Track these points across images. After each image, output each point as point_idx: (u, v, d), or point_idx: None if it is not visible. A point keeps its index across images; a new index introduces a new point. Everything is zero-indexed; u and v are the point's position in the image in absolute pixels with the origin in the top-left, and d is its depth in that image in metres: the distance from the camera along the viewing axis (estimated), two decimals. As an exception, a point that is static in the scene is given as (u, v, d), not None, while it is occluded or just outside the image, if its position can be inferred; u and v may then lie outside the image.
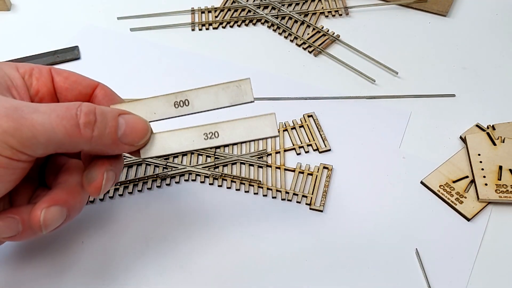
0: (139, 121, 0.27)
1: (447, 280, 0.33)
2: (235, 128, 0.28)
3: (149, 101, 0.28)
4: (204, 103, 0.28)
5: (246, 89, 0.28)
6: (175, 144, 0.28)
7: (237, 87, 0.28)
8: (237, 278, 0.33)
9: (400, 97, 0.44)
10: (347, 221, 0.36)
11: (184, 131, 0.28)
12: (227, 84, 0.28)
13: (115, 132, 0.26)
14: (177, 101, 0.28)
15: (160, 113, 0.28)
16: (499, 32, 0.50)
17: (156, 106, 0.28)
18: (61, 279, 0.33)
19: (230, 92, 0.28)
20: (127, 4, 0.52)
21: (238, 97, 0.28)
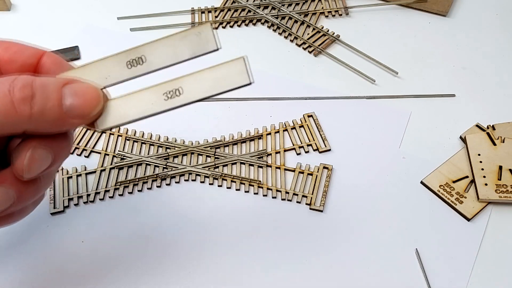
0: (88, 89, 0.23)
1: (447, 280, 0.33)
2: (200, 81, 0.25)
3: (99, 64, 0.24)
4: (161, 59, 0.24)
5: (208, 36, 0.24)
6: (133, 109, 0.24)
7: (196, 35, 0.24)
8: (237, 278, 0.33)
9: (400, 97, 0.44)
10: (347, 221, 0.36)
11: (142, 93, 0.25)
12: (185, 33, 0.24)
13: (60, 106, 0.22)
14: (130, 60, 0.24)
15: (114, 77, 0.24)
16: (499, 32, 0.49)
17: (107, 69, 0.24)
18: (61, 279, 0.33)
19: (190, 42, 0.24)
20: (127, 4, 0.52)
21: (200, 47, 0.24)
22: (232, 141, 0.40)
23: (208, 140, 0.40)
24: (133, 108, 0.24)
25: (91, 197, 0.37)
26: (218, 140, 0.40)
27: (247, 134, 0.41)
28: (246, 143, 0.40)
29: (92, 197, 0.37)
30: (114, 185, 0.37)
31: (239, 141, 0.40)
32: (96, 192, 0.37)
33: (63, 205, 0.36)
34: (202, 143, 0.40)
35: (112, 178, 0.38)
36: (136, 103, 0.24)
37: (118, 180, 0.38)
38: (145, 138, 0.40)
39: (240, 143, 0.40)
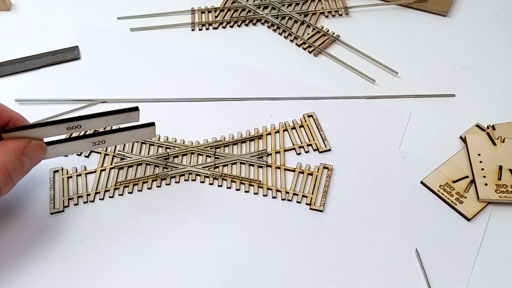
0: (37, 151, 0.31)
1: (447, 280, 0.33)
2: (120, 136, 0.33)
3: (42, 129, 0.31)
4: (94, 126, 0.32)
5: (135, 118, 0.33)
6: (66, 150, 0.33)
7: (127, 116, 0.32)
8: (237, 277, 0.33)
9: (400, 97, 0.44)
10: (347, 221, 0.36)
11: (75, 142, 0.33)
12: (118, 115, 0.32)
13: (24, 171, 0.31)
14: (69, 126, 0.32)
15: (53, 134, 0.32)
16: (499, 32, 0.49)
17: (49, 131, 0.31)
18: (61, 279, 0.33)
19: (120, 119, 0.32)
20: (127, 4, 0.52)
21: (127, 121, 0.33)
22: (232, 141, 0.40)
23: (208, 140, 0.40)
24: (67, 149, 0.33)
25: (91, 197, 0.37)
26: (218, 140, 0.40)
27: (247, 134, 0.41)
28: (246, 143, 0.40)
29: (92, 197, 0.37)
30: (114, 185, 0.37)
31: (239, 141, 0.40)
32: (96, 192, 0.37)
33: (63, 205, 0.36)
34: (202, 143, 0.40)
35: (112, 178, 0.38)
36: (69, 147, 0.33)
37: (118, 180, 0.38)
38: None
39: (240, 143, 0.40)
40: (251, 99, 0.44)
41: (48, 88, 0.45)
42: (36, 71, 0.46)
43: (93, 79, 0.45)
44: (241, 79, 0.45)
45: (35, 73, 0.46)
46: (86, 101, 0.43)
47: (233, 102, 0.43)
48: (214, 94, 0.44)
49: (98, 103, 0.43)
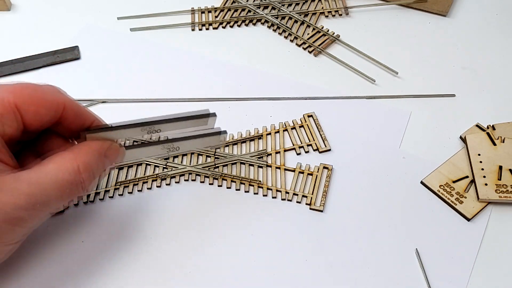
0: (117, 153, 0.31)
1: (447, 280, 0.33)
2: (193, 143, 0.33)
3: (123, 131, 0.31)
4: (172, 131, 0.32)
5: (211, 123, 0.33)
6: (141, 154, 0.33)
7: (204, 122, 0.33)
8: (237, 277, 0.33)
9: (400, 97, 0.44)
10: (347, 221, 0.36)
11: (151, 148, 0.33)
12: (196, 120, 0.32)
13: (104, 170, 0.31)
14: (150, 130, 0.32)
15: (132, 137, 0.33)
16: (499, 32, 0.49)
17: (128, 134, 0.31)
18: (61, 279, 0.33)
19: (197, 124, 0.33)
20: (127, 4, 0.52)
21: (202, 126, 0.33)
22: (232, 141, 0.40)
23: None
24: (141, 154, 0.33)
25: (91, 197, 0.37)
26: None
27: (247, 134, 0.41)
28: (246, 143, 0.40)
29: (92, 197, 0.37)
30: (114, 185, 0.37)
31: (239, 141, 0.40)
32: (96, 192, 0.37)
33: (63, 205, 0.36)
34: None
35: (112, 178, 0.38)
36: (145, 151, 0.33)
37: (118, 180, 0.38)
38: (145, 138, 0.40)
39: (240, 143, 0.40)
40: (251, 99, 0.44)
41: (48, 88, 0.45)
42: (36, 71, 0.46)
43: (93, 79, 0.45)
44: (241, 79, 0.45)
45: (35, 73, 0.46)
46: (86, 101, 0.43)
47: (233, 102, 0.43)
48: (214, 94, 0.44)
49: (98, 103, 0.43)
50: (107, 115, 0.33)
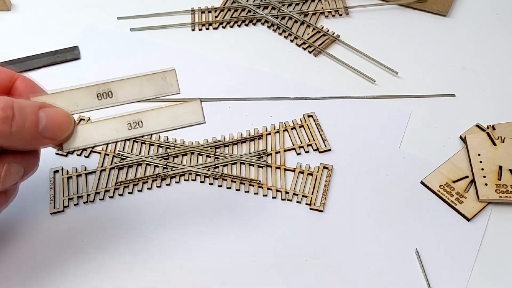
0: (61, 114, 0.26)
1: (447, 280, 0.33)
2: (160, 116, 0.28)
3: (71, 93, 0.27)
4: (128, 95, 0.28)
5: (172, 81, 0.28)
6: (98, 134, 0.27)
7: (162, 79, 0.28)
8: (237, 278, 0.33)
9: (400, 97, 0.44)
10: (347, 221, 0.36)
11: (107, 122, 0.28)
12: (151, 75, 0.28)
13: (36, 127, 0.25)
14: (100, 92, 0.27)
15: (83, 105, 0.27)
16: (499, 32, 0.49)
17: (78, 98, 0.27)
18: (61, 279, 0.33)
19: (155, 84, 0.28)
20: (127, 4, 0.52)
21: (164, 89, 0.28)
22: (232, 141, 0.40)
23: (208, 140, 0.40)
24: (98, 133, 0.27)
25: (91, 197, 0.37)
26: (218, 140, 0.40)
27: (247, 134, 0.41)
28: (246, 143, 0.40)
29: (92, 197, 0.37)
30: (114, 185, 0.37)
31: (239, 141, 0.40)
32: (96, 192, 0.37)
33: (63, 205, 0.36)
34: (202, 143, 0.40)
35: (112, 178, 0.38)
36: (101, 130, 0.27)
37: (118, 180, 0.38)
38: (145, 138, 0.40)
39: (240, 143, 0.40)
40: (251, 99, 0.44)
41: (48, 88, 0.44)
42: (36, 71, 0.46)
43: (93, 79, 0.45)
44: (241, 79, 0.45)
45: (35, 73, 0.46)
46: (86, 101, 0.43)
47: (233, 102, 0.43)
48: (214, 94, 0.44)
49: (98, 103, 0.43)
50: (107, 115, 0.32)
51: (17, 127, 0.24)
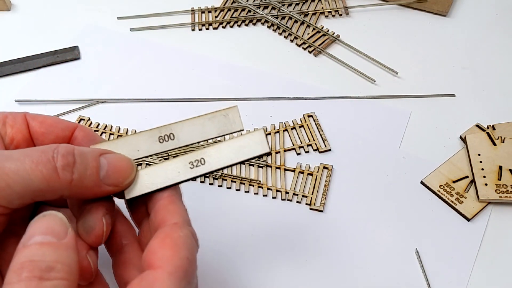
0: (122, 160, 0.25)
1: (447, 280, 0.33)
2: (222, 151, 0.26)
3: (131, 138, 0.26)
4: (190, 136, 0.27)
5: (235, 118, 0.27)
6: (160, 178, 0.26)
7: (224, 116, 0.27)
8: (236, 278, 0.33)
9: (400, 97, 0.44)
10: (347, 221, 0.36)
11: (168, 164, 0.26)
12: (213, 114, 0.26)
13: (97, 174, 0.24)
14: (161, 136, 0.26)
15: (144, 150, 0.26)
16: (499, 32, 0.49)
17: (139, 143, 0.26)
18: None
19: (218, 122, 0.27)
20: (127, 4, 0.52)
21: (226, 127, 0.27)
22: (232, 141, 0.40)
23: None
24: (160, 177, 0.26)
25: (91, 197, 0.37)
26: (218, 140, 0.40)
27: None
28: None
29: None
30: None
31: (239, 141, 0.40)
32: (96, 192, 0.37)
33: (63, 205, 0.36)
34: (202, 142, 0.40)
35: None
36: (163, 173, 0.26)
37: (118, 180, 0.38)
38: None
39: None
40: (251, 99, 0.44)
41: (48, 88, 0.45)
42: (36, 71, 0.46)
43: (93, 79, 0.45)
44: (241, 79, 0.45)
45: (35, 73, 0.46)
46: (86, 101, 0.43)
47: (233, 102, 0.43)
48: (214, 94, 0.44)
49: (98, 103, 0.43)
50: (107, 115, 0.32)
51: (78, 174, 0.23)
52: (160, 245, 0.22)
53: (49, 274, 0.19)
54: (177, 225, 0.23)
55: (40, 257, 0.20)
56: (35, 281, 0.19)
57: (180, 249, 0.22)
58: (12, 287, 0.19)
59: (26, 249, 0.20)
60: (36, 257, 0.20)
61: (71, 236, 0.21)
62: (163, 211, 0.24)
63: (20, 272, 0.19)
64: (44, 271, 0.19)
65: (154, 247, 0.22)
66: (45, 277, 0.19)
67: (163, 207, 0.25)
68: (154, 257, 0.22)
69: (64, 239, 0.21)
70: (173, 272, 0.21)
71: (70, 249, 0.21)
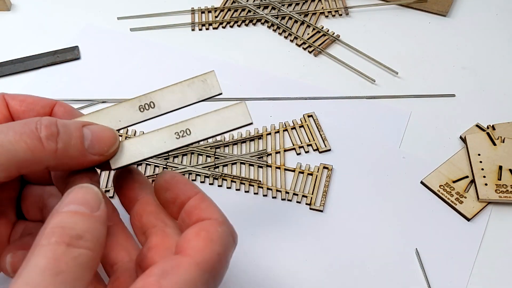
0: (105, 130, 0.25)
1: (447, 280, 0.33)
2: (207, 122, 0.27)
3: (112, 109, 0.27)
4: (170, 103, 0.27)
5: (213, 82, 0.27)
6: (146, 148, 0.26)
7: (202, 82, 0.27)
8: (236, 278, 0.33)
9: (400, 97, 0.44)
10: (347, 221, 0.36)
11: (154, 133, 0.27)
12: (191, 80, 0.27)
13: (82, 143, 0.24)
14: (141, 105, 0.27)
15: (126, 120, 0.27)
16: (499, 32, 0.49)
17: (120, 113, 0.27)
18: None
19: (196, 88, 0.27)
20: (127, 4, 0.52)
21: (206, 92, 0.27)
22: (232, 141, 0.40)
23: (208, 140, 0.40)
24: (146, 146, 0.26)
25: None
26: (218, 140, 0.40)
27: (247, 134, 0.41)
28: (246, 143, 0.40)
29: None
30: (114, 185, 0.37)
31: (239, 141, 0.40)
32: (96, 192, 0.37)
33: (63, 205, 0.36)
34: (202, 143, 0.40)
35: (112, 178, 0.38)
36: (149, 143, 0.26)
37: (118, 180, 0.38)
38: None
39: (240, 143, 0.40)
40: (251, 99, 0.44)
41: (48, 88, 0.45)
42: (36, 71, 0.46)
43: (93, 79, 0.45)
44: (241, 79, 0.45)
45: (35, 73, 0.46)
46: (86, 101, 0.43)
47: (233, 102, 0.43)
48: (214, 94, 0.44)
49: (98, 103, 0.43)
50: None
51: (63, 144, 0.23)
52: (195, 236, 0.22)
53: (77, 242, 0.20)
54: (217, 221, 0.24)
55: (72, 224, 0.20)
56: (63, 246, 0.19)
57: (214, 243, 0.22)
58: (40, 250, 0.19)
59: (60, 215, 0.21)
60: (68, 224, 0.20)
61: (103, 211, 0.22)
62: (196, 210, 0.24)
63: (50, 236, 0.20)
64: (73, 238, 0.20)
65: (189, 236, 0.23)
66: (73, 244, 0.20)
67: (196, 207, 0.25)
68: (186, 245, 0.22)
69: (96, 212, 0.21)
70: (200, 263, 0.21)
71: (100, 222, 0.21)
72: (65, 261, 0.19)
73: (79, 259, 0.20)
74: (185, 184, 0.25)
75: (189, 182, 0.26)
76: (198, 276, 0.21)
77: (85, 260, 0.20)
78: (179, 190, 0.25)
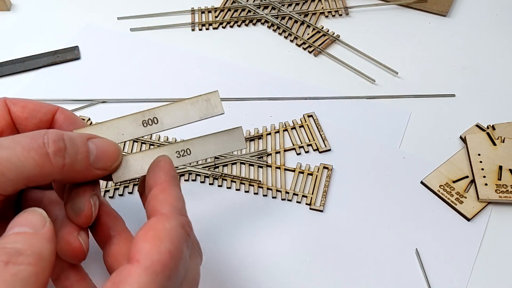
0: (109, 144, 0.26)
1: (447, 280, 0.33)
2: (206, 144, 0.29)
3: (115, 122, 0.27)
4: (173, 120, 0.28)
5: (216, 102, 0.28)
6: (148, 165, 0.27)
7: (206, 101, 0.28)
8: (236, 278, 0.33)
9: (400, 97, 0.44)
10: (347, 221, 0.36)
11: (157, 151, 0.27)
12: (195, 98, 0.28)
13: (87, 158, 0.24)
14: (145, 120, 0.27)
15: (129, 133, 0.27)
16: (499, 32, 0.49)
17: (123, 127, 0.27)
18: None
19: (200, 107, 0.28)
20: (127, 4, 0.52)
21: (208, 111, 0.28)
22: (232, 141, 0.40)
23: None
24: (149, 163, 0.27)
25: (91, 197, 0.37)
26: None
27: (247, 134, 0.41)
28: (246, 143, 0.40)
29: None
30: (114, 185, 0.37)
31: (239, 141, 0.40)
32: (96, 192, 0.37)
33: (63, 205, 0.36)
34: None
35: (112, 178, 0.38)
36: (152, 160, 0.27)
37: (118, 180, 0.38)
38: (146, 138, 0.40)
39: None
40: (251, 99, 0.44)
41: (48, 88, 0.45)
42: (36, 71, 0.46)
43: (93, 79, 0.45)
44: (241, 79, 0.45)
45: (35, 73, 0.46)
46: (86, 101, 0.43)
47: (233, 102, 0.43)
48: (214, 94, 0.44)
49: (98, 103, 0.43)
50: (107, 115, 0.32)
51: (70, 159, 0.23)
52: (142, 238, 0.22)
53: (17, 258, 0.20)
54: (164, 216, 0.23)
55: (12, 244, 0.20)
56: (1, 265, 0.19)
57: (161, 242, 0.22)
58: None
59: (3, 238, 0.21)
60: (8, 244, 0.20)
61: (49, 229, 0.22)
62: (153, 201, 0.24)
63: None
64: (13, 256, 0.20)
65: (138, 238, 0.22)
66: (12, 261, 0.20)
67: (154, 197, 0.24)
68: (134, 250, 0.22)
69: (41, 230, 0.21)
70: (149, 266, 0.21)
71: (45, 239, 0.21)
72: (3, 279, 0.19)
73: (20, 275, 0.19)
74: (160, 170, 0.25)
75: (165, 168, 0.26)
76: (149, 280, 0.21)
77: (26, 275, 0.20)
78: (150, 176, 0.25)
